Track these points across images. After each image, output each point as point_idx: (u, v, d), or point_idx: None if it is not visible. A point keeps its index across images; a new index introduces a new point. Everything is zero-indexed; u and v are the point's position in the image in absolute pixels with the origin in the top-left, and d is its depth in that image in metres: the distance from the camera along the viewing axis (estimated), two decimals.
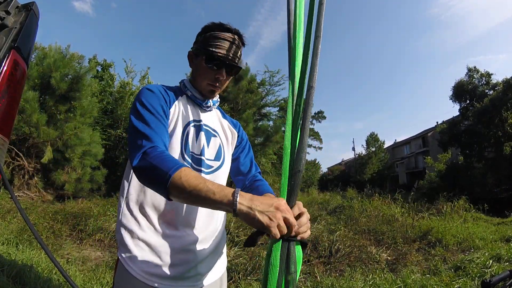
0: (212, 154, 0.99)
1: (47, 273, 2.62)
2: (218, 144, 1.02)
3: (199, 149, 0.96)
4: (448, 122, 19.82)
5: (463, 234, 4.95)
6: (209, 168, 0.97)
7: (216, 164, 1.00)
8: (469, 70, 18.19)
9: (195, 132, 0.97)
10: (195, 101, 1.02)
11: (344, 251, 3.92)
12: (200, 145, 0.96)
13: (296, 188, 0.68)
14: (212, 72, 0.95)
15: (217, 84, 0.97)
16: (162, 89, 0.96)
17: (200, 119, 1.00)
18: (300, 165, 0.68)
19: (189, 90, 1.01)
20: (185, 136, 0.94)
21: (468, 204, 7.86)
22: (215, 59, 0.93)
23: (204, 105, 1.02)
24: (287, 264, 0.60)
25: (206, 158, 0.97)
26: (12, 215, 4.46)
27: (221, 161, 1.02)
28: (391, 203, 7.26)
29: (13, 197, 0.53)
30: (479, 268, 3.17)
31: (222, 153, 1.03)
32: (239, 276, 2.99)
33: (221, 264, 1.02)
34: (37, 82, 6.51)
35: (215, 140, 1.02)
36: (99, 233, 4.23)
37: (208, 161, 0.97)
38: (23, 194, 6.33)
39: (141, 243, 0.86)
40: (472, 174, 15.17)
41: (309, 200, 10.64)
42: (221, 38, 0.93)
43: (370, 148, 33.24)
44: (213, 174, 0.98)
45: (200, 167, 0.94)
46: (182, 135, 0.94)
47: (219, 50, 0.92)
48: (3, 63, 0.66)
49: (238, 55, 0.96)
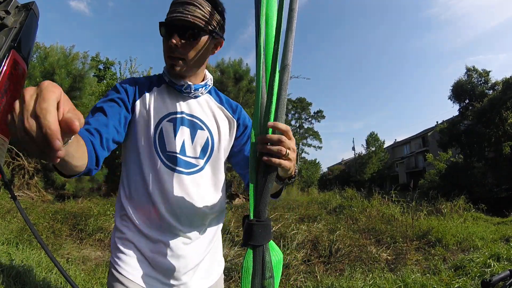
0: (195, 151, 0.86)
1: (47, 273, 2.62)
2: (206, 138, 0.87)
3: (176, 146, 0.83)
4: (448, 122, 19.85)
5: (463, 233, 4.95)
6: (191, 168, 0.84)
7: (200, 163, 0.86)
8: (468, 70, 18.20)
9: (174, 126, 0.83)
10: (175, 88, 0.87)
11: (344, 250, 3.92)
12: (179, 141, 0.83)
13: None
14: (166, 42, 0.80)
15: (173, 55, 0.80)
16: (132, 82, 0.86)
17: (182, 110, 0.86)
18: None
19: (166, 75, 0.87)
20: (159, 132, 0.82)
21: (468, 203, 7.87)
22: (165, 25, 0.79)
23: (184, 90, 0.86)
24: (262, 268, 0.59)
25: (187, 156, 0.84)
26: (12, 215, 4.47)
27: (206, 158, 0.87)
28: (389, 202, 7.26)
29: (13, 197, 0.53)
30: (479, 268, 3.17)
31: (209, 148, 0.88)
32: (239, 276, 2.99)
33: (217, 268, 0.95)
34: (39, 81, 6.52)
35: (201, 134, 0.87)
36: (99, 233, 4.24)
37: (188, 159, 0.84)
38: (23, 194, 6.33)
39: (130, 248, 0.83)
40: (472, 174, 15.18)
41: (309, 199, 10.64)
42: (177, 3, 0.79)
43: (370, 147, 33.26)
44: (197, 174, 0.85)
45: (175, 166, 0.82)
46: (155, 131, 0.82)
47: (169, 15, 0.79)
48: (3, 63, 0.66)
49: (195, 14, 0.77)
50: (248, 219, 0.61)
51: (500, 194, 14.33)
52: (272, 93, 0.61)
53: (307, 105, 31.78)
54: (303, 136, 31.72)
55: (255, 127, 0.66)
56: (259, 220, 0.60)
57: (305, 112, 31.97)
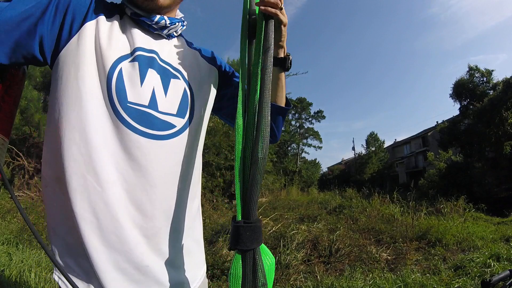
0: (171, 105, 0.62)
1: (47, 273, 2.62)
2: (183, 90, 0.65)
3: (145, 96, 0.58)
4: (448, 122, 19.83)
5: (462, 233, 4.95)
6: (168, 129, 0.60)
7: (180, 123, 0.63)
8: (470, 69, 18.17)
9: (140, 68, 0.59)
10: (140, 24, 0.64)
11: (344, 250, 3.92)
12: (147, 89, 0.59)
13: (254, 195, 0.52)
14: None
15: None
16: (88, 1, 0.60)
17: (152, 49, 0.63)
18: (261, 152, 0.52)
19: (128, 6, 0.63)
20: (117, 75, 0.57)
21: (468, 203, 7.86)
22: None
23: (155, 26, 0.64)
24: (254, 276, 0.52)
25: (160, 112, 0.60)
26: (12, 215, 4.47)
27: (187, 117, 0.65)
28: (389, 203, 7.27)
29: (13, 196, 0.53)
30: (479, 268, 3.17)
31: (189, 104, 0.66)
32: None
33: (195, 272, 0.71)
34: (39, 81, 6.53)
35: (176, 84, 0.64)
36: None
37: (164, 117, 0.60)
38: (23, 193, 6.33)
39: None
40: (472, 174, 15.17)
41: (309, 199, 10.63)
42: None
43: (370, 147, 33.25)
44: (177, 138, 0.62)
45: (146, 127, 0.57)
46: (110, 73, 0.56)
47: None
48: None
49: None
50: (235, 221, 0.53)
51: (500, 194, 14.32)
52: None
53: (307, 105, 31.74)
54: (303, 136, 31.69)
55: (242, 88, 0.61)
56: (247, 222, 0.52)
57: (305, 112, 31.92)
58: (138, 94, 0.58)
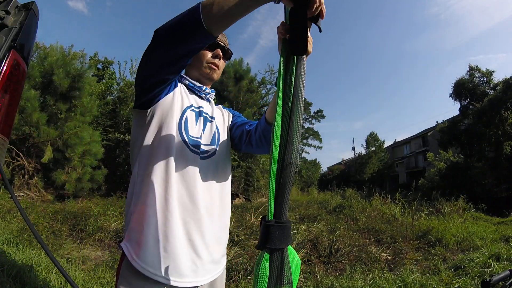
0: (207, 139, 1.01)
1: (47, 273, 2.61)
2: (214, 129, 1.05)
3: (197, 132, 0.98)
4: (448, 122, 19.82)
5: (462, 233, 4.95)
6: (205, 153, 0.98)
7: (211, 149, 1.01)
8: (471, 69, 18.15)
9: (195, 116, 1.01)
10: (193, 90, 1.08)
11: (344, 250, 3.92)
12: (199, 128, 1.00)
13: (288, 184, 0.57)
14: (207, 52, 1.05)
15: (216, 62, 1.05)
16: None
17: (200, 106, 1.05)
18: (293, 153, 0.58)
19: (185, 79, 1.07)
20: (185, 119, 0.97)
21: (468, 203, 7.87)
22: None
23: (202, 91, 1.08)
24: (280, 274, 0.55)
25: (202, 143, 0.98)
26: (12, 215, 4.47)
27: (215, 146, 1.03)
28: (390, 203, 7.27)
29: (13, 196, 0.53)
30: (479, 268, 3.17)
31: (216, 138, 1.05)
32: (239, 276, 2.99)
33: (223, 260, 1.04)
34: (38, 81, 6.51)
35: (211, 125, 1.05)
36: (99, 232, 4.23)
37: (203, 146, 0.99)
38: (23, 194, 6.33)
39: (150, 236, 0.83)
40: (472, 174, 15.17)
41: (309, 199, 10.64)
42: None
43: (370, 147, 33.25)
44: (209, 159, 0.99)
45: (198, 150, 0.95)
46: (180, 117, 0.96)
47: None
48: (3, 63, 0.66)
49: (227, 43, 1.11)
50: (266, 220, 0.57)
51: (500, 194, 14.33)
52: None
53: (307, 105, 31.76)
54: (303, 136, 31.69)
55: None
56: (278, 222, 0.55)
57: (305, 112, 31.95)
58: (194, 130, 0.98)
